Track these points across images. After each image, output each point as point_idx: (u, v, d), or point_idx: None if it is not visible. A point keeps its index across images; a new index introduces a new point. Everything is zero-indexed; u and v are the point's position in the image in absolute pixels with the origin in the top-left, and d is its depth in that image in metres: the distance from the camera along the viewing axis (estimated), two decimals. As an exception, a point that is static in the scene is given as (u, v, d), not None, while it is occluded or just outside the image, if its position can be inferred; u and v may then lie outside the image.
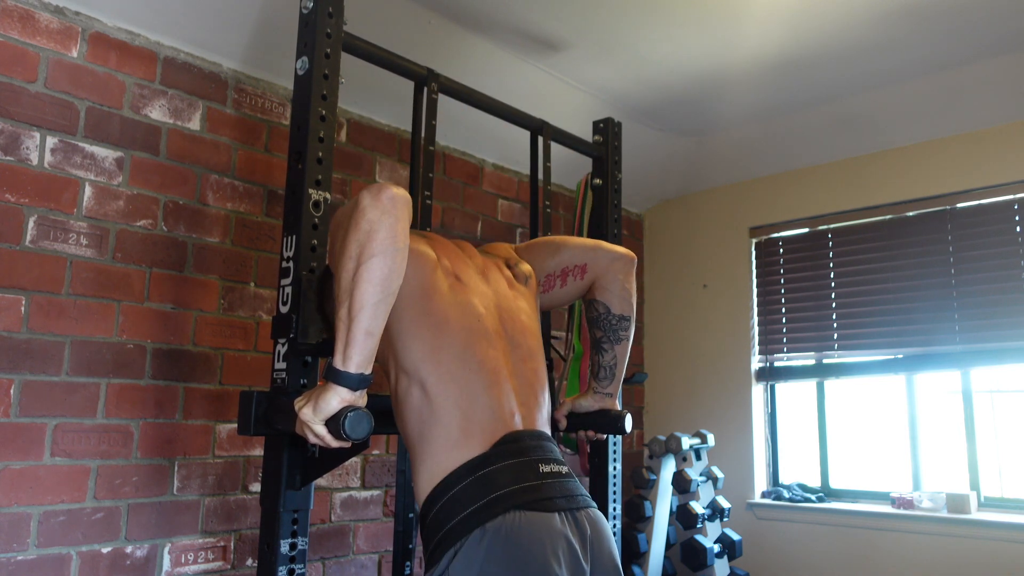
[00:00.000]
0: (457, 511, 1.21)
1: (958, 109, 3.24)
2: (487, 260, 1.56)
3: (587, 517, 1.30)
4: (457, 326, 1.33)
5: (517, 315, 1.47)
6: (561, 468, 1.33)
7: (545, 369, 1.48)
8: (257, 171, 2.64)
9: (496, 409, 1.30)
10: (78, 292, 2.19)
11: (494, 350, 1.35)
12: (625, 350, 1.73)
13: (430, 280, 1.35)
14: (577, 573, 1.23)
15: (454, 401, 1.27)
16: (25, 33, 2.16)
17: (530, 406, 1.37)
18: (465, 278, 1.42)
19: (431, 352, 1.30)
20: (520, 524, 1.19)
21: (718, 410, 3.92)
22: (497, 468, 1.24)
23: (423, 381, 1.29)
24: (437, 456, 1.26)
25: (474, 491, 1.21)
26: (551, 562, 1.18)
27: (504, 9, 2.64)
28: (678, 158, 3.92)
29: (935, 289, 3.35)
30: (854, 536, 3.36)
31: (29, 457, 2.06)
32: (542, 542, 1.19)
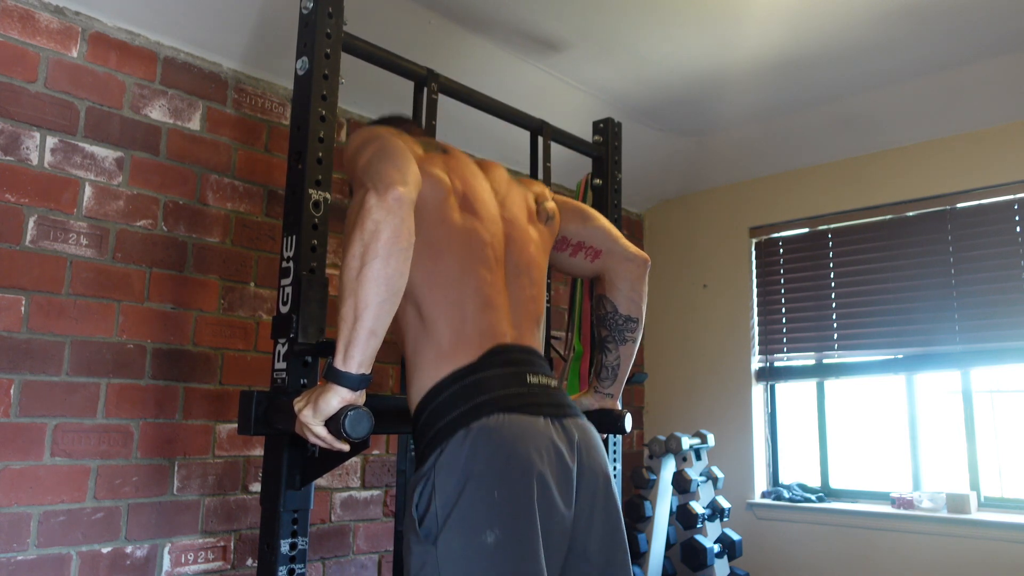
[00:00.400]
0: (444, 414, 1.24)
1: (958, 109, 3.24)
2: (513, 187, 1.55)
3: (575, 425, 1.33)
4: (458, 253, 1.34)
5: (526, 245, 1.47)
6: (550, 381, 1.35)
7: (544, 299, 1.49)
8: (257, 171, 2.64)
9: (487, 327, 1.32)
10: (78, 292, 2.19)
11: (493, 275, 1.37)
12: (630, 352, 1.72)
13: (441, 208, 1.35)
14: (562, 472, 1.25)
15: (446, 321, 1.30)
16: (25, 33, 2.16)
17: (522, 329, 1.39)
18: (477, 204, 1.41)
19: (429, 277, 1.31)
20: (504, 423, 1.22)
21: (718, 410, 3.92)
22: (484, 375, 1.27)
23: (418, 304, 1.31)
24: (428, 368, 1.29)
25: (461, 396, 1.25)
26: (533, 458, 1.21)
27: (504, 9, 2.64)
28: (678, 158, 3.92)
29: (935, 289, 3.35)
30: (854, 536, 3.36)
31: (29, 457, 2.06)
32: (525, 440, 1.22)
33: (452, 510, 1.16)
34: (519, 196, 1.53)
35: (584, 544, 1.28)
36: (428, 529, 1.17)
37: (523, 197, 1.55)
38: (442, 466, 1.19)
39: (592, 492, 1.30)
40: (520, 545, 1.16)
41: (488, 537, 1.14)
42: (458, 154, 1.49)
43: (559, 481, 1.24)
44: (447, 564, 1.14)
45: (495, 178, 1.52)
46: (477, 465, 1.18)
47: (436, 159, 1.41)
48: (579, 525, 1.27)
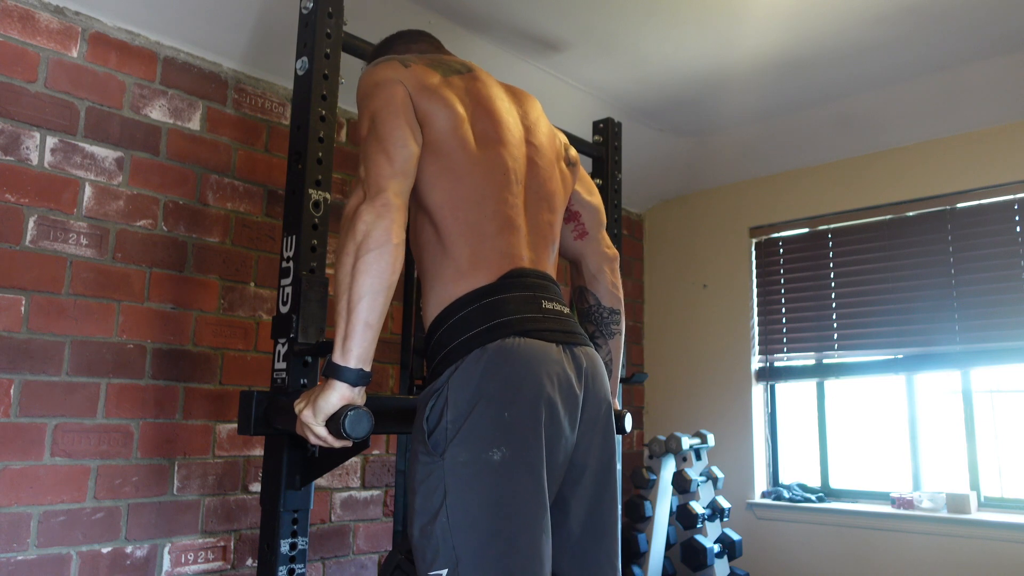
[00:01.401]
0: (460, 333, 1.26)
1: (958, 109, 3.24)
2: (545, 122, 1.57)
3: (584, 353, 1.37)
4: (480, 177, 1.36)
5: (550, 175, 1.49)
6: (563, 308, 1.39)
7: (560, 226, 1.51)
8: (257, 171, 2.64)
9: (505, 248, 1.34)
10: (78, 292, 2.19)
11: (514, 198, 1.39)
12: (618, 345, 1.74)
13: (456, 135, 1.36)
14: (569, 398, 1.30)
15: (465, 241, 1.32)
16: (25, 33, 2.16)
17: (539, 252, 1.41)
18: (500, 128, 1.42)
19: (448, 200, 1.34)
20: (519, 346, 1.25)
21: (718, 410, 3.92)
22: (502, 298, 1.29)
23: (438, 223, 1.33)
24: (446, 284, 1.31)
25: (478, 316, 1.27)
26: (544, 382, 1.25)
27: (504, 9, 2.64)
28: (678, 158, 3.92)
29: (935, 289, 3.35)
30: (854, 536, 3.36)
31: (29, 457, 2.06)
32: (537, 364, 1.25)
33: (462, 426, 1.19)
34: (548, 131, 1.56)
35: (582, 465, 1.34)
36: (436, 442, 1.20)
37: (553, 134, 1.58)
38: (456, 382, 1.22)
39: (594, 418, 1.36)
40: (524, 465, 1.20)
41: (495, 454, 1.18)
42: (483, 76, 1.50)
43: (566, 407, 1.28)
44: (452, 476, 1.18)
45: (527, 107, 1.54)
46: (491, 385, 1.21)
47: (455, 82, 1.42)
48: (580, 448, 1.33)
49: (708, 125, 3.63)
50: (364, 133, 1.33)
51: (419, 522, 1.19)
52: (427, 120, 1.34)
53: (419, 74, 1.38)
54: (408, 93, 1.35)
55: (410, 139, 1.31)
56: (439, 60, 1.47)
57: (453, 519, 1.16)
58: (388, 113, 1.32)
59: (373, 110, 1.33)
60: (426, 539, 1.18)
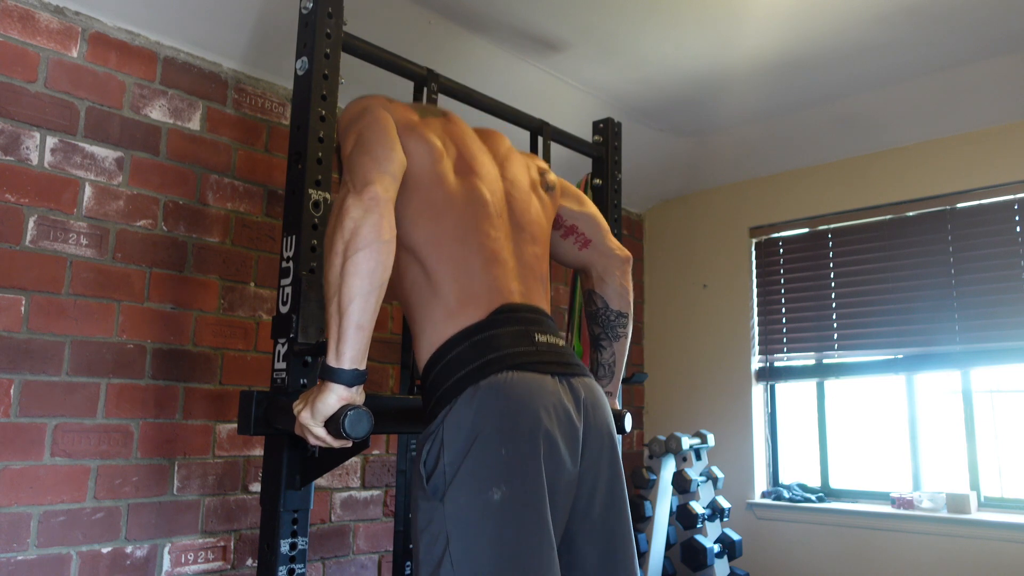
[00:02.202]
0: (453, 373, 1.25)
1: (958, 109, 3.24)
2: (515, 155, 1.57)
3: (582, 384, 1.33)
4: (460, 213, 1.35)
5: (528, 206, 1.48)
6: (558, 340, 1.36)
7: (548, 258, 1.50)
8: (257, 171, 2.64)
9: (493, 283, 1.33)
10: (78, 292, 2.19)
11: (496, 231, 1.38)
12: (623, 348, 1.74)
13: (436, 169, 1.36)
14: (569, 431, 1.26)
15: (451, 278, 1.31)
16: (25, 33, 2.16)
17: (529, 285, 1.39)
18: (476, 165, 1.43)
19: (431, 236, 1.33)
20: (512, 381, 1.22)
21: (718, 410, 3.92)
22: (493, 333, 1.27)
23: (423, 261, 1.32)
24: (436, 326, 1.30)
25: (469, 354, 1.25)
26: (541, 415, 1.21)
27: (504, 9, 2.64)
28: (678, 158, 3.92)
29: (935, 289, 3.35)
30: (854, 536, 3.36)
31: (29, 457, 2.06)
32: (533, 398, 1.22)
33: (460, 467, 1.17)
34: (520, 163, 1.56)
35: (589, 500, 1.30)
36: (435, 486, 1.18)
37: (525, 165, 1.57)
38: (451, 423, 1.20)
39: (598, 450, 1.31)
40: (526, 503, 1.17)
41: (495, 494, 1.15)
42: (457, 120, 1.52)
43: (566, 439, 1.25)
44: (454, 520, 1.16)
45: (495, 145, 1.55)
46: (485, 423, 1.19)
47: (433, 123, 1.44)
48: (585, 482, 1.29)
49: (708, 125, 3.63)
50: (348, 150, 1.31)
51: (424, 571, 1.17)
52: (408, 156, 1.33)
53: (401, 111, 1.40)
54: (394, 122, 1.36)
55: (398, 148, 1.31)
56: (415, 105, 1.51)
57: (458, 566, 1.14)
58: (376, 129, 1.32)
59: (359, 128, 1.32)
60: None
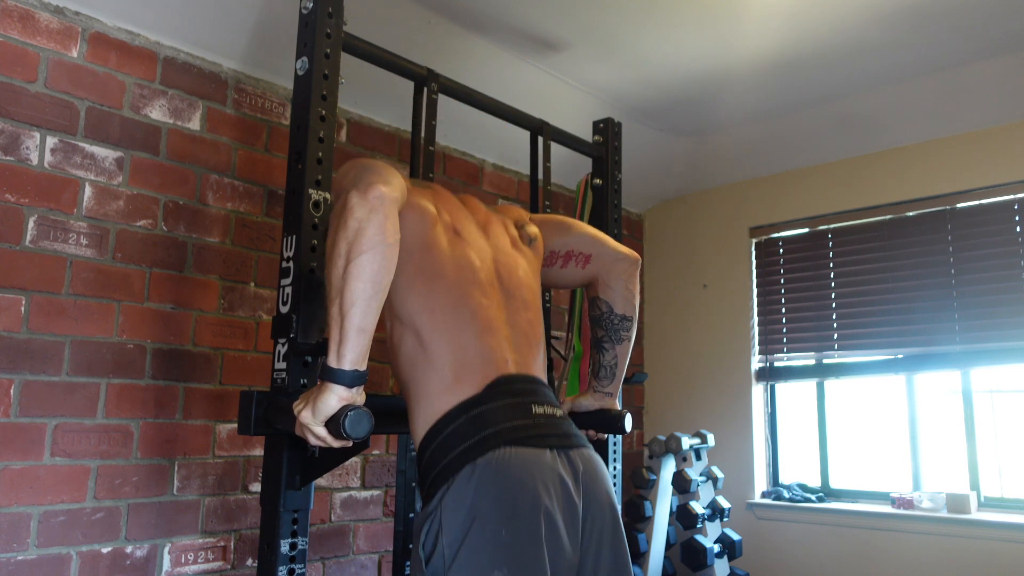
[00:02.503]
0: (450, 450, 1.23)
1: (958, 109, 3.24)
2: (492, 216, 1.57)
3: (580, 456, 1.31)
4: (452, 279, 1.35)
5: (515, 269, 1.48)
6: (555, 411, 1.34)
7: (541, 323, 1.49)
8: (257, 171, 2.64)
9: (488, 354, 1.31)
10: (78, 292, 2.19)
11: (488, 299, 1.37)
12: (626, 350, 1.74)
13: (430, 235, 1.36)
14: (568, 508, 1.24)
15: (446, 348, 1.30)
16: (25, 33, 2.16)
17: (524, 353, 1.38)
18: (464, 232, 1.43)
19: (426, 304, 1.32)
20: (510, 458, 1.21)
21: (718, 410, 3.92)
22: (489, 408, 1.26)
23: (417, 331, 1.31)
24: (431, 399, 1.28)
25: (466, 430, 1.24)
26: (540, 493, 1.19)
27: (504, 9, 2.64)
28: (678, 158, 3.92)
29: (935, 289, 3.35)
30: (854, 536, 3.36)
31: (29, 457, 2.06)
32: (532, 474, 1.20)
33: (459, 549, 1.15)
34: (499, 224, 1.55)
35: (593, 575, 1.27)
36: (435, 568, 1.16)
37: (502, 224, 1.57)
38: (448, 504, 1.18)
39: (600, 527, 1.29)
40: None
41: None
42: (442, 190, 1.53)
43: (566, 517, 1.23)
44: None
45: (474, 209, 1.55)
46: (484, 503, 1.17)
47: (424, 192, 1.44)
48: (587, 561, 1.26)
49: (708, 125, 3.63)
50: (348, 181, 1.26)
51: None
52: (403, 220, 1.31)
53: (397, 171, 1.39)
54: None
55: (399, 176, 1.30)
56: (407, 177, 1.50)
57: None
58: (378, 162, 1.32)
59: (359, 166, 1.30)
60: None
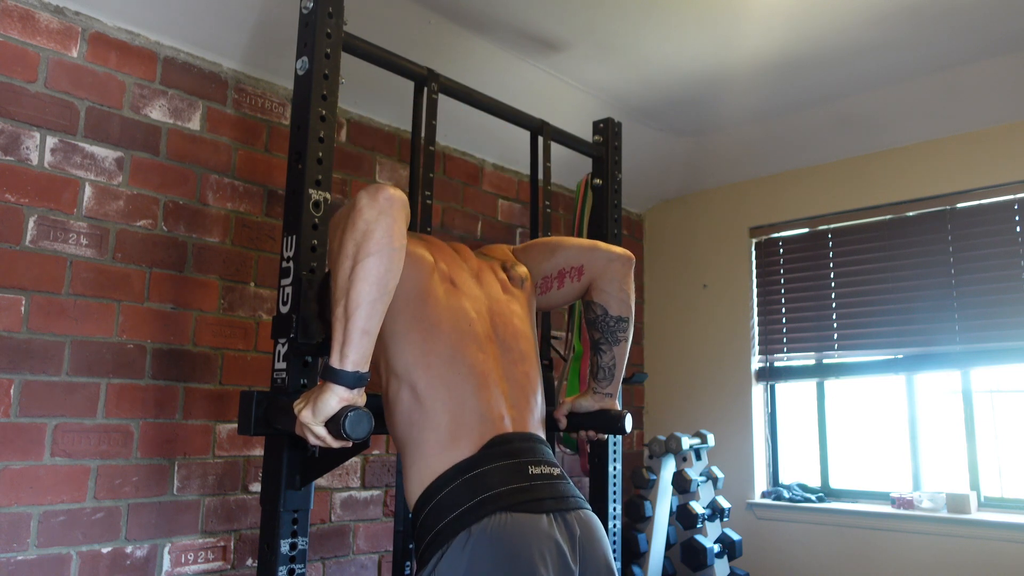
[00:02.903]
0: (445, 514, 1.21)
1: (958, 109, 3.24)
2: (482, 263, 1.56)
3: (577, 519, 1.29)
4: (448, 330, 1.33)
5: (510, 319, 1.47)
6: (552, 470, 1.32)
7: (538, 372, 1.47)
8: (257, 171, 2.64)
9: (485, 412, 1.30)
10: (78, 292, 2.19)
11: (484, 354, 1.35)
12: (624, 351, 1.73)
13: (426, 284, 1.35)
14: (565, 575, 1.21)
15: (443, 404, 1.28)
16: (25, 33, 2.16)
17: (521, 408, 1.36)
18: (459, 282, 1.42)
19: (421, 356, 1.30)
20: (506, 525, 1.19)
21: (718, 410, 3.92)
22: (485, 470, 1.24)
23: (413, 385, 1.29)
24: (427, 459, 1.27)
25: (461, 494, 1.22)
26: (537, 563, 1.17)
27: (504, 9, 2.64)
28: (678, 158, 3.92)
29: (935, 289, 3.35)
30: (854, 536, 3.36)
31: (29, 457, 2.06)
32: (528, 543, 1.18)
33: None
34: (488, 271, 1.54)
35: None
36: None
37: (491, 270, 1.55)
38: (443, 571, 1.17)
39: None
40: None
41: None
42: (435, 239, 1.53)
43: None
44: None
45: (466, 257, 1.54)
46: (479, 570, 1.15)
47: (417, 242, 1.43)
48: None
49: (708, 125, 3.63)
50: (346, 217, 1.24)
51: None
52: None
53: None
54: None
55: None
56: None
57: None
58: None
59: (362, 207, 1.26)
60: None
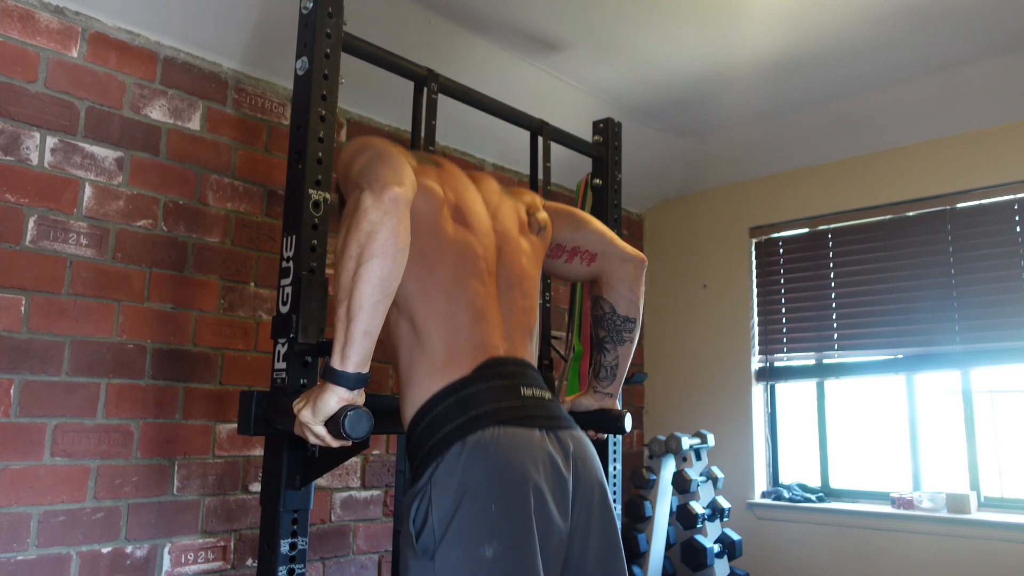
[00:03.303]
0: (438, 429, 1.24)
1: (958, 109, 3.24)
2: (505, 199, 1.55)
3: (570, 436, 1.32)
4: (452, 264, 1.34)
5: (518, 258, 1.47)
6: (544, 393, 1.35)
7: (537, 314, 1.48)
8: (257, 171, 2.64)
9: (479, 340, 1.32)
10: (78, 292, 2.19)
11: (485, 287, 1.37)
12: (628, 352, 1.73)
13: (435, 219, 1.35)
14: (558, 484, 1.25)
15: (439, 334, 1.30)
16: (25, 33, 2.16)
17: (515, 341, 1.39)
18: (469, 215, 1.41)
19: (422, 289, 1.32)
20: (499, 437, 1.22)
21: (718, 410, 3.92)
22: (478, 389, 1.27)
23: (412, 315, 1.31)
24: (422, 382, 1.29)
25: (455, 410, 1.25)
26: (529, 471, 1.20)
27: (504, 9, 2.64)
28: (678, 158, 3.92)
29: (935, 289, 3.35)
30: (854, 536, 3.36)
31: (29, 457, 2.06)
32: (521, 453, 1.21)
33: (449, 524, 1.16)
34: (510, 208, 1.54)
35: (581, 556, 1.28)
36: (425, 544, 1.17)
37: (514, 209, 1.55)
38: (438, 480, 1.19)
39: (588, 503, 1.30)
40: (518, 558, 1.16)
41: (486, 551, 1.14)
42: (450, 167, 1.51)
43: (555, 493, 1.23)
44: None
45: (487, 190, 1.53)
46: (473, 479, 1.18)
47: (430, 171, 1.42)
48: (576, 537, 1.27)
49: (708, 125, 3.63)
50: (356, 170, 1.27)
51: None
52: None
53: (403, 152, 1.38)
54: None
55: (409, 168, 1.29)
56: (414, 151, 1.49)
57: None
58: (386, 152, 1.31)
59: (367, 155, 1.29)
60: None
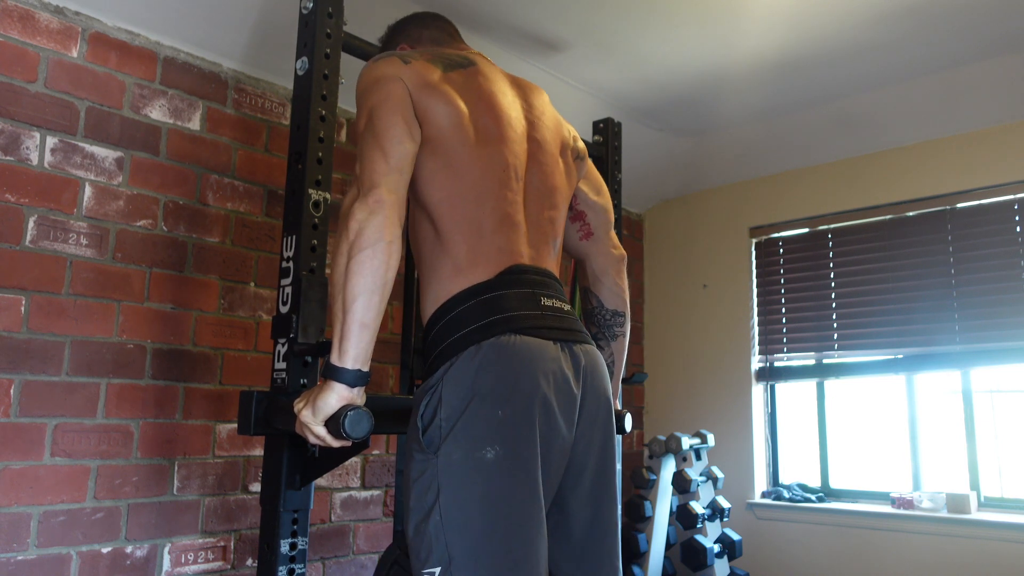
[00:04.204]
0: (456, 330, 1.26)
1: (958, 109, 3.24)
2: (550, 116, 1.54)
3: (583, 351, 1.35)
4: (479, 174, 1.35)
5: (552, 170, 1.47)
6: (563, 304, 1.38)
7: (563, 223, 1.49)
8: (257, 171, 2.64)
9: (504, 245, 1.33)
10: (78, 292, 2.19)
11: (514, 195, 1.38)
12: (621, 348, 1.73)
13: (456, 133, 1.35)
14: (566, 397, 1.29)
15: (463, 236, 1.31)
16: (25, 33, 2.16)
17: (539, 249, 1.40)
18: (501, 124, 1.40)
19: (447, 196, 1.33)
20: (515, 344, 1.25)
21: (718, 410, 3.92)
22: (500, 294, 1.29)
23: (436, 220, 1.33)
24: (443, 281, 1.31)
25: (475, 312, 1.27)
26: (540, 381, 1.24)
27: (504, 9, 2.64)
28: (678, 158, 3.92)
29: (935, 289, 3.35)
30: (854, 536, 3.36)
31: (29, 457, 2.06)
32: (534, 362, 1.24)
33: (456, 423, 1.19)
34: (554, 124, 1.53)
35: (582, 465, 1.34)
36: (431, 439, 1.20)
37: (559, 127, 1.55)
38: (450, 379, 1.22)
39: (593, 417, 1.35)
40: (518, 464, 1.20)
41: (488, 453, 1.18)
42: (486, 70, 1.47)
43: (562, 406, 1.27)
44: (446, 474, 1.18)
45: (532, 99, 1.52)
46: (485, 383, 1.21)
47: (455, 78, 1.40)
48: (579, 446, 1.32)
49: (708, 125, 3.63)
50: (361, 128, 1.33)
51: (413, 520, 1.20)
52: (426, 117, 1.33)
53: (419, 70, 1.37)
54: (407, 90, 1.34)
55: (407, 136, 1.30)
56: (440, 55, 1.45)
57: (446, 517, 1.17)
58: (385, 109, 1.32)
59: (371, 106, 1.33)
60: (420, 537, 1.18)
